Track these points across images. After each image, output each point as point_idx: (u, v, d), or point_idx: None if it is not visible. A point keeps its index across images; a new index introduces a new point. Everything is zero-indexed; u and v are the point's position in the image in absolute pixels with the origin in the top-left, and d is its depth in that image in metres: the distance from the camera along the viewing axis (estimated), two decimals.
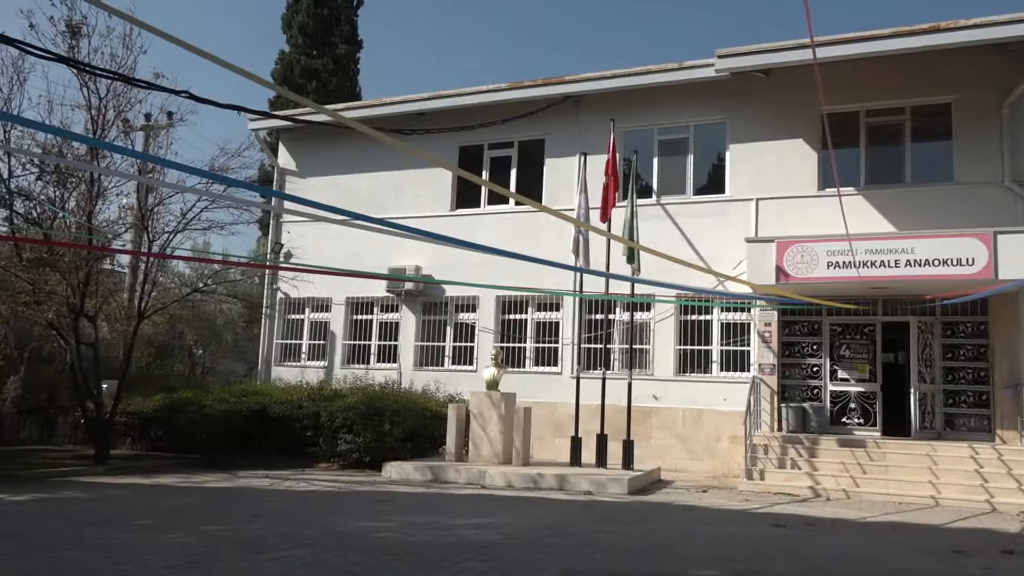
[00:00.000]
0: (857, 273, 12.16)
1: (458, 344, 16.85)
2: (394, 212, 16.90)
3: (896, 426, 13.67)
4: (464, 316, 16.88)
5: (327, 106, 19.56)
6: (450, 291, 16.70)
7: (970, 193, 13.41)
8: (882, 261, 12.22)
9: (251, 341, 21.84)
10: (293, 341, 18.43)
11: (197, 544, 6.92)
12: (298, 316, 18.44)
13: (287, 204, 16.13)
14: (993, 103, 13.44)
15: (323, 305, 18.11)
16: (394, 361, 17.19)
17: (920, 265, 12.05)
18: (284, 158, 19.27)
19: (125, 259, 19.16)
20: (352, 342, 17.81)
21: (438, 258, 16.44)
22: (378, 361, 17.45)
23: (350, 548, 6.91)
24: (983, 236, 11.82)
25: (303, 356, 18.24)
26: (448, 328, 16.99)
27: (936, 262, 11.97)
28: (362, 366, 17.28)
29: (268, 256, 19.04)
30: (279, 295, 18.45)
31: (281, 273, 17.76)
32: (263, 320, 18.66)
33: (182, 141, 54.72)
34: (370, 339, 17.65)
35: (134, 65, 13.93)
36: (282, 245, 18.48)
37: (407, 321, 17.21)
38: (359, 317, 17.87)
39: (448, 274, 15.90)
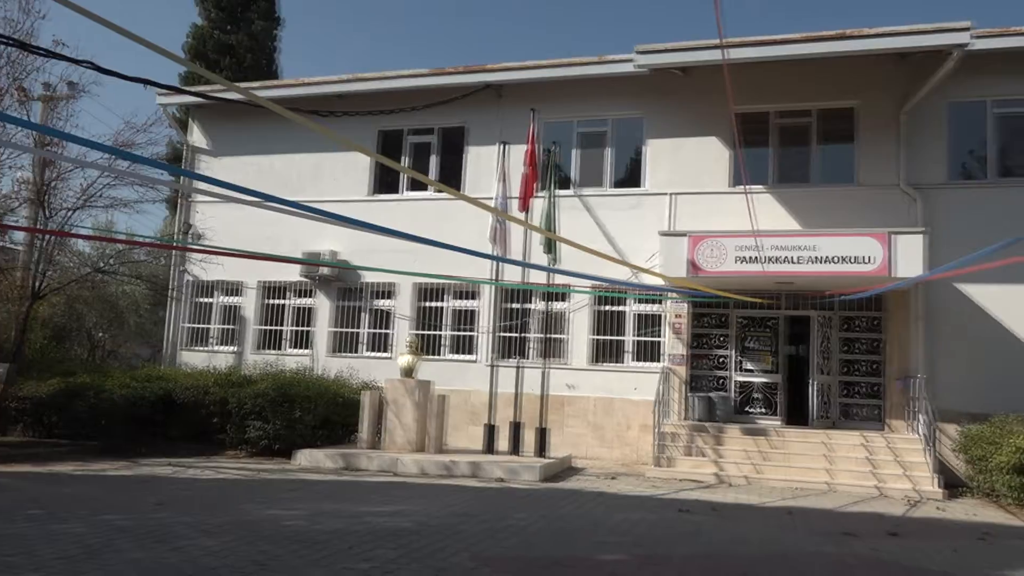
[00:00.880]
0: (763, 268, 12.62)
1: (374, 331, 16.68)
2: (311, 195, 16.56)
3: (796, 415, 14.30)
4: (381, 302, 16.71)
5: (241, 84, 19.00)
6: (367, 277, 16.50)
7: (870, 194, 14.09)
8: (787, 257, 12.71)
9: (157, 325, 21.03)
10: (202, 325, 17.85)
11: (93, 534, 6.64)
12: (207, 299, 17.88)
13: (198, 183, 15.57)
14: (892, 110, 14.14)
15: (234, 289, 17.61)
16: (308, 347, 16.89)
17: (822, 262, 12.59)
18: (196, 136, 18.61)
19: (20, 236, 18.14)
20: (264, 327, 17.39)
21: (356, 243, 16.21)
22: (291, 347, 17.11)
23: (258, 537, 6.76)
24: (880, 236, 12.44)
25: (212, 341, 17.70)
26: (364, 314, 16.79)
27: (837, 259, 12.53)
28: (274, 352, 16.90)
29: (176, 237, 18.36)
30: (187, 277, 17.83)
31: (190, 255, 17.17)
32: (169, 303, 18.00)
33: (85, 113, 52.03)
34: (283, 324, 17.28)
35: (32, 31, 13.17)
36: (191, 226, 17.85)
37: (322, 307, 16.92)
38: (272, 302, 17.46)
39: (365, 260, 15.70)
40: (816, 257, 12.62)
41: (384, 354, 16.35)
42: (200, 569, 5.61)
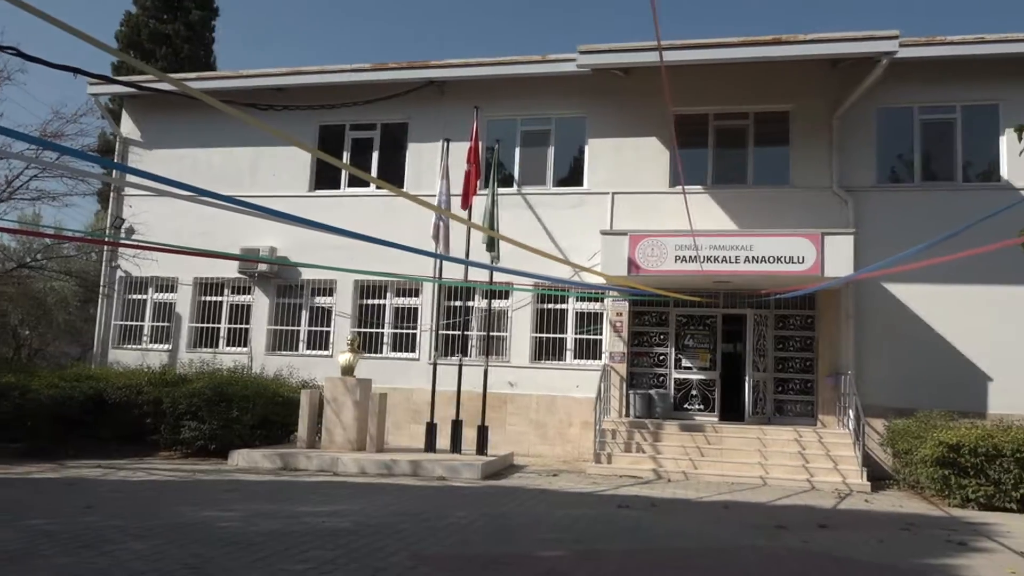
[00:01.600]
0: (701, 267, 12.87)
1: (314, 328, 16.44)
2: (249, 190, 16.25)
3: (732, 411, 14.62)
4: (320, 300, 16.49)
5: (174, 75, 18.51)
6: (306, 274, 16.26)
7: (804, 196, 14.48)
8: (724, 257, 12.98)
9: (87, 322, 20.35)
10: (134, 323, 17.33)
11: (17, 539, 6.39)
12: (140, 296, 17.36)
13: (130, 177, 15.11)
14: (825, 114, 14.56)
15: (168, 285, 17.15)
16: (245, 345, 16.55)
17: (758, 261, 12.89)
18: (128, 127, 18.04)
19: None
20: (200, 325, 16.97)
21: (295, 239, 15.94)
22: (228, 345, 16.74)
23: (190, 539, 6.61)
24: (813, 237, 12.80)
25: (145, 339, 17.20)
26: (303, 312, 16.53)
27: (772, 259, 12.84)
28: (210, 350, 16.51)
29: (107, 231, 17.77)
30: (119, 273, 17.29)
31: (121, 250, 16.64)
32: (100, 300, 17.42)
33: (10, 102, 49.87)
34: (219, 322, 16.89)
35: None
36: (123, 220, 17.31)
37: (260, 304, 16.60)
38: (208, 299, 17.05)
39: (305, 256, 15.47)
40: (752, 257, 12.92)
41: (324, 352, 16.14)
42: (129, 574, 5.45)
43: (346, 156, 16.74)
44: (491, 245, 13.69)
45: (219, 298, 16.98)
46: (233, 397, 13.02)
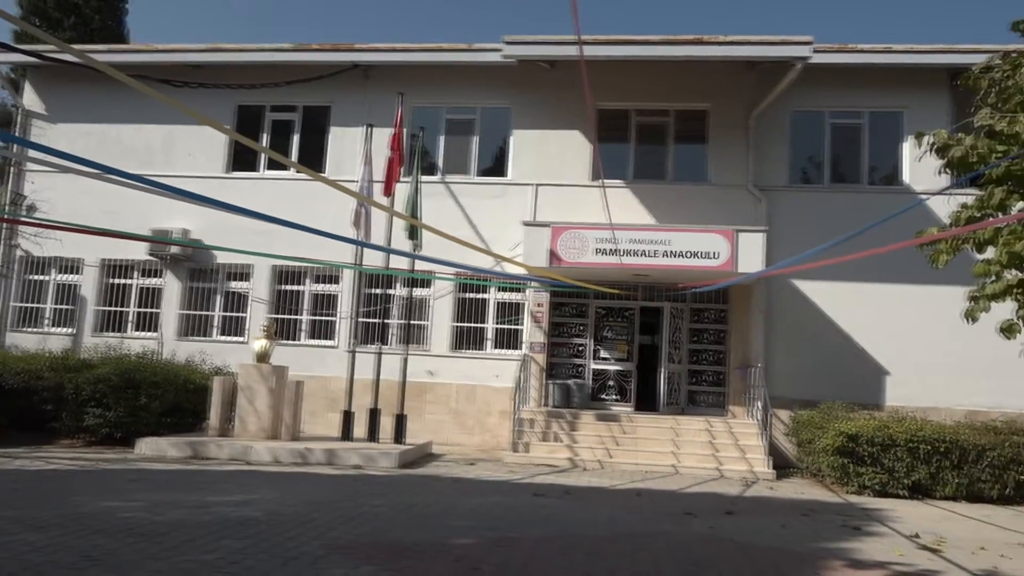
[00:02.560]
0: (620, 260, 13.10)
1: (228, 314, 16.00)
2: (161, 169, 15.70)
3: (648, 402, 14.97)
4: (235, 285, 16.05)
5: (80, 46, 17.64)
6: (221, 257, 15.79)
7: (720, 193, 14.90)
8: (643, 251, 13.25)
9: None
10: (34, 305, 16.50)
11: None
12: (41, 277, 16.53)
13: (32, 152, 14.34)
14: (742, 114, 15.01)
15: (72, 266, 16.38)
16: (155, 330, 15.97)
17: (675, 256, 13.21)
18: (30, 98, 17.11)
19: None
20: (106, 308, 16.28)
21: (209, 222, 15.44)
22: (136, 329, 16.13)
23: (91, 530, 6.35)
24: (727, 233, 13.20)
25: (46, 322, 16.39)
26: (217, 297, 16.06)
27: (688, 254, 13.19)
28: (117, 334, 15.86)
29: (6, 208, 16.82)
30: (18, 253, 16.42)
31: (22, 228, 15.79)
32: None
33: None
34: (127, 306, 16.25)
35: None
36: (24, 197, 16.39)
37: (171, 288, 16.04)
38: (115, 281, 16.37)
39: (220, 240, 14.96)
40: (669, 251, 13.22)
41: (238, 338, 15.73)
42: (24, 567, 5.21)
43: (265, 138, 16.32)
44: (413, 233, 13.60)
45: (127, 281, 16.33)
46: (141, 383, 12.56)
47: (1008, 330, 8.60)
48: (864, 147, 15.06)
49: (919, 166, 13.10)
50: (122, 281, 16.35)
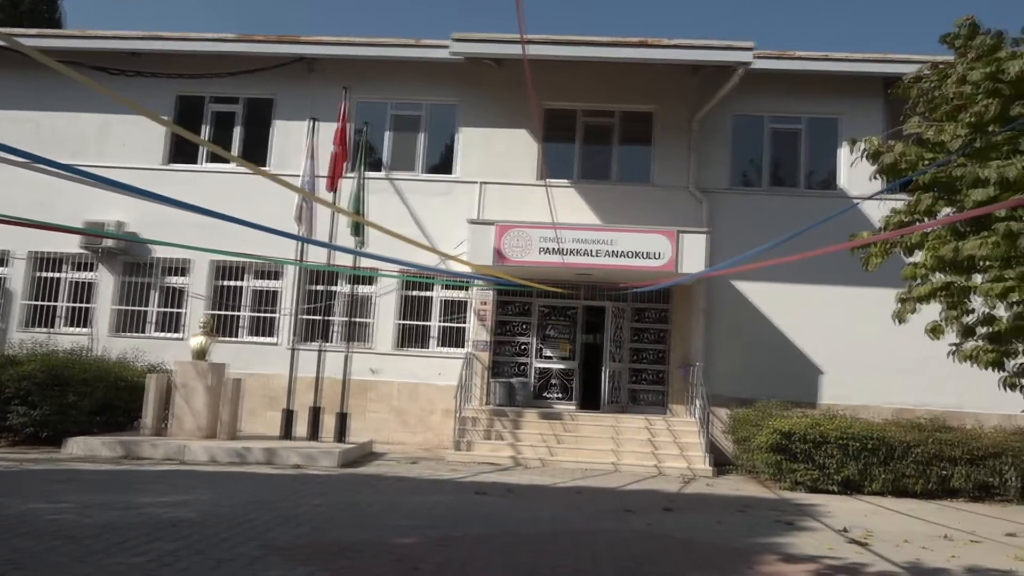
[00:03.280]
0: (564, 260, 13.18)
1: (165, 310, 15.59)
2: (96, 160, 15.22)
3: (590, 400, 15.11)
4: (173, 280, 15.64)
5: (6, 29, 16.98)
6: (158, 252, 15.39)
7: (663, 195, 15.12)
8: (587, 250, 13.36)
9: None
10: None
11: None
12: None
13: None
14: (685, 117, 15.25)
15: None
16: (87, 326, 15.46)
17: (618, 256, 13.36)
18: None
19: None
20: (35, 302, 15.71)
21: (146, 215, 15.01)
22: (67, 325, 15.60)
23: (14, 532, 6.11)
24: (669, 234, 13.41)
25: None
26: (154, 292, 15.63)
27: (631, 254, 13.35)
28: (46, 330, 15.31)
29: None
30: None
31: None
32: None
33: None
34: (58, 300, 15.70)
35: None
36: None
37: (105, 282, 15.55)
38: (45, 275, 15.79)
39: (157, 233, 14.58)
40: (613, 251, 13.36)
41: (176, 335, 15.35)
42: None
43: (206, 130, 15.95)
44: (357, 230, 13.46)
45: (58, 275, 15.78)
46: (70, 381, 12.15)
47: (934, 331, 8.94)
48: (802, 152, 15.46)
49: (854, 171, 13.53)
50: (52, 275, 15.79)
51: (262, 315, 15.47)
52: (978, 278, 8.69)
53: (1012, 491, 11.19)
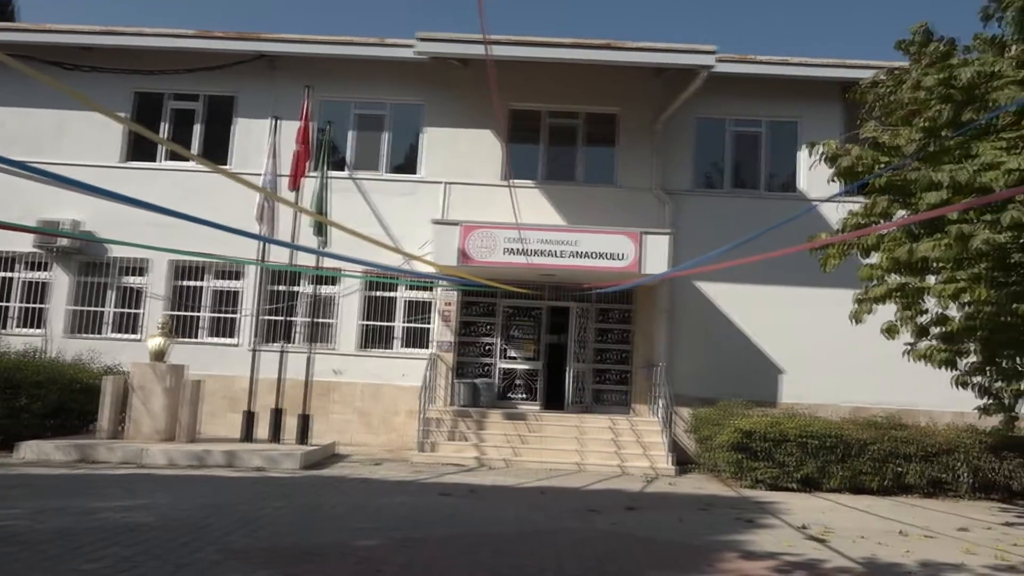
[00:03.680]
0: (528, 260, 13.21)
1: (122, 310, 15.27)
2: (51, 157, 14.84)
3: (554, 400, 15.15)
4: (131, 280, 15.34)
5: None
6: (116, 251, 15.08)
7: (628, 196, 15.23)
8: (551, 251, 13.40)
9: None
10: None
11: None
12: None
13: None
14: (649, 119, 15.38)
15: None
16: (40, 327, 15.09)
17: (582, 257, 13.42)
18: None
19: None
20: None
21: (103, 213, 14.69)
22: (19, 326, 15.21)
23: None
24: (633, 235, 13.50)
25: None
26: (110, 292, 15.31)
27: (595, 255, 13.41)
28: None
29: None
30: None
31: None
32: None
33: None
34: (9, 300, 15.30)
35: None
36: None
37: (59, 282, 15.19)
38: None
39: (115, 232, 14.29)
40: (577, 252, 13.42)
41: (133, 336, 15.05)
42: None
43: (166, 127, 15.68)
44: (320, 230, 13.34)
45: (10, 274, 15.37)
46: (22, 383, 11.84)
47: (890, 331, 9.11)
48: (763, 154, 15.69)
49: (813, 174, 13.77)
50: (4, 274, 15.37)
51: (223, 316, 15.25)
52: (932, 279, 8.88)
53: (963, 487, 11.48)
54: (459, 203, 15.20)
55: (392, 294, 15.31)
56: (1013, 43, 7.88)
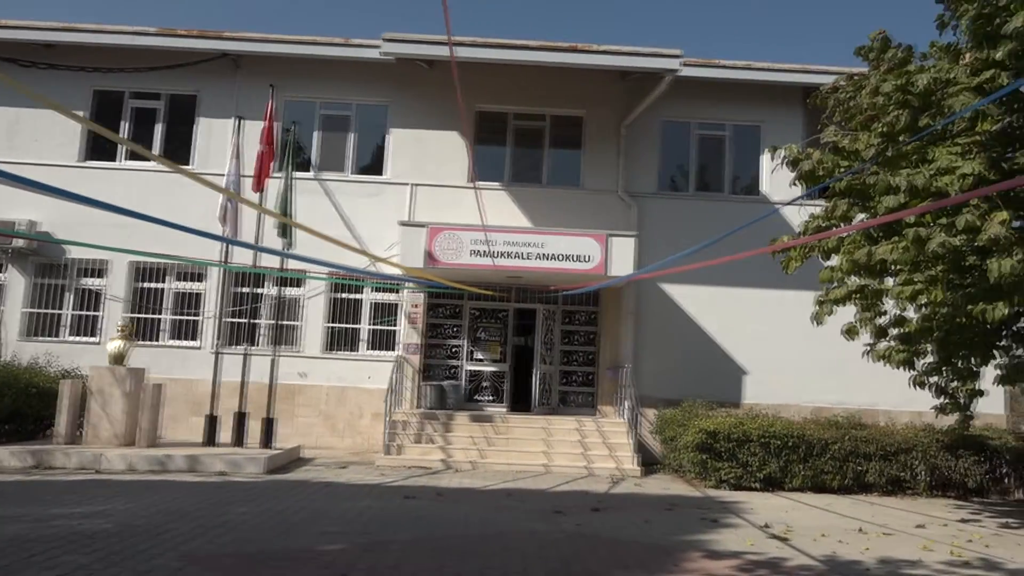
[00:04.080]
0: (494, 262, 13.20)
1: (80, 313, 14.97)
2: (5, 155, 14.55)
3: (521, 402, 15.16)
4: (89, 281, 15.04)
5: None
6: (74, 252, 14.78)
7: (593, 198, 15.31)
8: (518, 253, 13.41)
9: None
10: None
11: None
12: None
13: None
14: (615, 122, 15.48)
15: None
16: None
17: (548, 259, 13.45)
18: None
19: None
20: None
21: (60, 214, 14.41)
22: None
23: None
24: (599, 237, 13.57)
25: None
26: (68, 294, 14.99)
27: (561, 257, 13.46)
28: None
29: None
30: None
31: None
32: None
33: None
34: None
35: None
36: None
37: (14, 284, 14.85)
38: None
39: (73, 233, 14.01)
40: (543, 254, 13.45)
41: (92, 339, 14.75)
42: None
43: (126, 127, 15.40)
44: (284, 231, 13.19)
45: None
46: None
47: (850, 332, 9.28)
48: (727, 158, 15.87)
49: (775, 177, 13.96)
50: None
51: (184, 318, 15.01)
52: (890, 281, 9.07)
53: (921, 485, 11.73)
54: (426, 205, 15.15)
55: (358, 296, 15.20)
56: (967, 51, 8.07)
